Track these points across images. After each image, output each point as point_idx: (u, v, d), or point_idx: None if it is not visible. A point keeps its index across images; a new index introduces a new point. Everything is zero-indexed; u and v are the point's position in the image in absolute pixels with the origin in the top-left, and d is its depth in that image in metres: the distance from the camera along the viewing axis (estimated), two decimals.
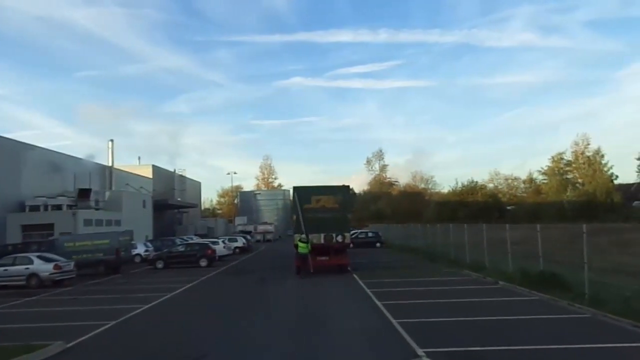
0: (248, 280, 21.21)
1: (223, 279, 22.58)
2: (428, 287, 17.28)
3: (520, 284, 16.23)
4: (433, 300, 14.34)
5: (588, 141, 73.87)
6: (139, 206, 55.15)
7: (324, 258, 22.39)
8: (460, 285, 17.69)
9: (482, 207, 78.58)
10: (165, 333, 11.25)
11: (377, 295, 15.46)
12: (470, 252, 23.37)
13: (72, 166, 51.25)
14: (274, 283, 20.04)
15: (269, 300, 15.49)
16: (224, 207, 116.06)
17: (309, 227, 21.87)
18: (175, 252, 28.39)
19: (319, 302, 14.90)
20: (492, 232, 22.01)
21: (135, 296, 17.26)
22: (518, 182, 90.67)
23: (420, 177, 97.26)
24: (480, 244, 22.83)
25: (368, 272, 22.23)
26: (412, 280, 19.28)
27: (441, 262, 25.61)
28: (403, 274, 21.70)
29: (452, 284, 18.15)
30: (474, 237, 23.60)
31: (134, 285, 21.11)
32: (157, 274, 25.35)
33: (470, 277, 19.99)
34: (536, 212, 69.77)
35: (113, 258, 25.39)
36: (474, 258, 22.90)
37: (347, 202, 22.79)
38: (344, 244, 22.31)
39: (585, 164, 74.33)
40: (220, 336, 10.70)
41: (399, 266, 24.80)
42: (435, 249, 29.43)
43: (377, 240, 44.41)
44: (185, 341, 10.18)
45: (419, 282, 18.72)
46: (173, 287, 19.25)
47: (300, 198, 22.16)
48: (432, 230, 31.37)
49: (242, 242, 41.74)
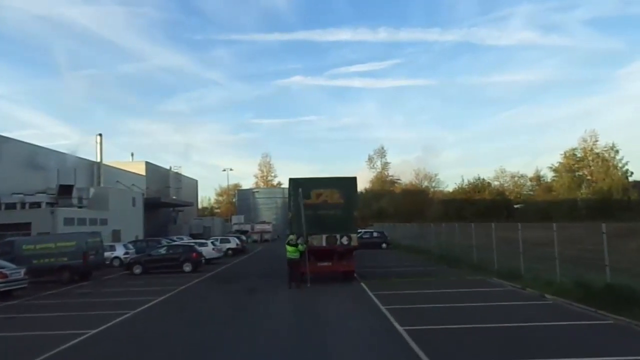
0: (235, 291, 17.60)
1: (205, 289, 18.94)
2: (459, 303, 13.71)
3: (579, 300, 12.68)
4: (474, 326, 10.72)
5: (596, 137, 71.24)
6: (128, 204, 51.51)
7: (325, 264, 18.76)
8: (499, 299, 14.10)
9: (489, 206, 75.71)
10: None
11: (395, 314, 11.92)
12: (499, 256, 19.83)
13: (55, 161, 47.81)
14: (265, 296, 16.39)
15: (255, 325, 11.76)
16: (222, 205, 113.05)
17: (308, 227, 18.30)
18: (156, 256, 24.78)
19: (320, 328, 11.24)
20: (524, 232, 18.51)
21: (87, 315, 13.74)
22: (524, 180, 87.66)
23: (424, 174, 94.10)
24: (510, 246, 19.41)
25: (379, 281, 18.64)
26: (435, 293, 15.71)
27: (462, 267, 22.09)
28: (421, 283, 18.14)
29: (487, 297, 14.56)
30: (503, 237, 20.15)
31: (96, 297, 17.52)
32: (131, 282, 21.76)
33: (503, 287, 16.41)
34: (547, 211, 66.78)
35: (79, 263, 21.77)
36: (504, 263, 19.36)
37: (353, 197, 19.11)
38: (350, 247, 18.66)
39: (599, 161, 71.52)
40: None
41: (414, 272, 21.20)
42: (452, 251, 25.87)
43: (382, 241, 40.82)
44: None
45: (444, 296, 15.15)
46: (142, 300, 15.68)
47: (297, 192, 18.59)
48: (447, 230, 27.77)
49: (235, 242, 38.06)
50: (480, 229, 22.52)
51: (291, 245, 18.04)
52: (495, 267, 19.66)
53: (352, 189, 18.95)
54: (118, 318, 12.71)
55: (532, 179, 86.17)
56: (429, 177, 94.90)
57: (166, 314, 13.79)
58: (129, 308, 14.13)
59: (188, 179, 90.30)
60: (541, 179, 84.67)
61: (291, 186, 18.82)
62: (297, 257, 17.90)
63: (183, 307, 14.97)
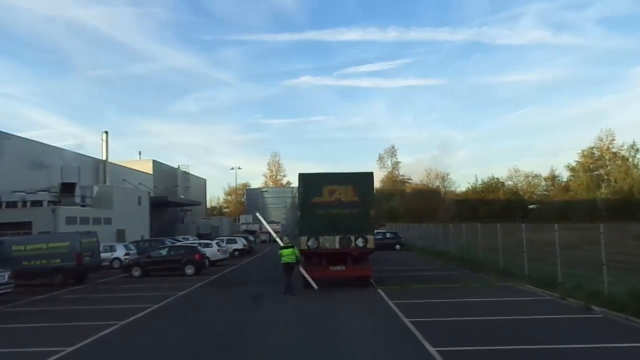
0: (238, 298, 15.89)
1: (206, 295, 17.24)
2: (495, 316, 11.90)
3: (636, 313, 10.82)
4: (520, 347, 8.93)
5: (613, 136, 69.44)
6: (134, 203, 50.18)
7: (339, 268, 16.97)
8: (539, 312, 12.28)
9: (504, 206, 73.71)
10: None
11: (422, 330, 10.16)
12: (529, 259, 17.97)
13: (59, 159, 46.63)
14: (271, 305, 14.64)
15: (258, 347, 9.96)
16: (230, 205, 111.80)
17: (320, 228, 16.57)
18: (156, 257, 23.15)
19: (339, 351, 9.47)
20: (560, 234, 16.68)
21: (69, 326, 12.12)
22: (539, 180, 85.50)
23: (435, 174, 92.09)
24: (541, 248, 17.60)
25: (397, 287, 16.84)
26: (464, 303, 13.89)
27: (486, 272, 20.26)
28: (445, 290, 16.33)
29: (525, 309, 12.73)
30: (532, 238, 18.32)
31: (86, 303, 15.87)
32: (128, 285, 20.17)
33: (540, 296, 14.55)
34: (565, 211, 64.62)
35: (73, 265, 20.23)
36: (535, 268, 17.51)
37: (370, 195, 17.20)
38: (366, 250, 16.88)
39: (617, 160, 69.35)
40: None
41: (435, 277, 19.37)
42: (473, 253, 24.02)
43: (396, 242, 38.98)
44: None
45: (475, 306, 13.35)
46: (134, 308, 14.04)
47: (307, 188, 16.81)
48: (468, 231, 25.86)
49: (242, 243, 36.38)
50: (507, 230, 20.66)
51: (287, 248, 16.47)
52: (525, 272, 17.80)
53: (368, 186, 17.12)
54: (101, 332, 11.04)
55: (547, 178, 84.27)
56: (441, 177, 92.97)
57: (157, 327, 12.08)
58: (117, 318, 12.48)
59: (196, 178, 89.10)
60: (556, 179, 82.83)
61: (301, 182, 17.07)
62: (293, 261, 16.30)
63: (178, 318, 13.29)
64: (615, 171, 68.92)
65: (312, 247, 16.69)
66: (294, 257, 16.36)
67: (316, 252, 16.85)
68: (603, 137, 69.50)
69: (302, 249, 16.81)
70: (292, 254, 16.36)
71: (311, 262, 17.17)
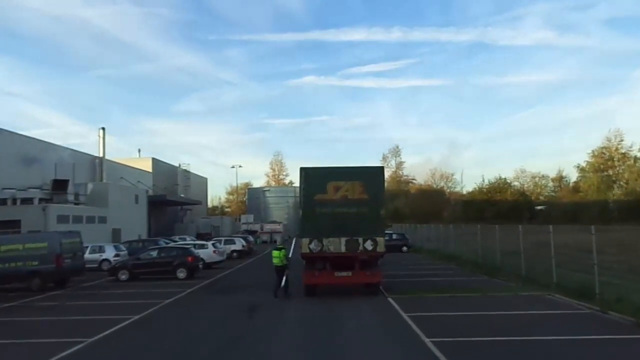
0: (231, 309, 13.90)
1: (196, 303, 15.31)
2: (531, 335, 10.03)
3: None
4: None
5: (622, 137, 67.71)
6: (130, 201, 48.41)
7: (345, 274, 15.08)
8: (581, 330, 10.43)
9: (512, 207, 71.83)
10: None
11: (447, 352, 8.32)
12: (557, 265, 16.08)
13: (53, 155, 44.98)
14: (268, 317, 12.74)
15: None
16: (232, 204, 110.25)
17: (323, 229, 14.74)
18: (145, 260, 21.29)
19: None
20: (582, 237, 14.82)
21: (25, 344, 10.29)
22: (546, 181, 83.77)
23: (440, 174, 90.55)
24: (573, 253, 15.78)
25: (411, 296, 14.98)
26: (491, 317, 12.04)
27: (506, 278, 18.41)
28: (465, 300, 14.45)
29: (563, 325, 10.90)
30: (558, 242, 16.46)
31: (57, 313, 13.94)
32: (112, 291, 18.33)
33: (576, 309, 12.67)
34: (575, 213, 62.67)
35: (52, 268, 18.42)
36: (565, 275, 15.65)
37: (380, 192, 15.19)
38: (376, 254, 15.01)
39: (627, 160, 67.53)
40: None
41: (451, 284, 17.46)
42: (490, 257, 22.13)
43: (403, 244, 37.09)
44: None
45: (504, 321, 11.51)
46: (110, 320, 12.22)
47: (309, 184, 14.94)
48: (484, 232, 23.93)
49: (241, 244, 34.48)
50: (529, 232, 18.80)
51: (277, 250, 16.22)
52: (554, 279, 15.89)
53: (378, 182, 15.20)
54: (61, 353, 9.21)
55: (555, 179, 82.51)
56: (446, 177, 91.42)
57: (130, 347, 10.18)
58: (85, 334, 10.63)
59: (197, 176, 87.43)
60: (564, 180, 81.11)
61: (302, 177, 15.18)
62: (279, 264, 15.78)
63: (158, 334, 11.39)
64: (627, 172, 67.09)
65: (315, 250, 14.84)
66: (279, 260, 15.80)
67: (319, 256, 15.01)
68: (611, 137, 68.10)
69: (304, 252, 14.95)
70: (278, 257, 15.82)
71: (314, 267, 15.33)
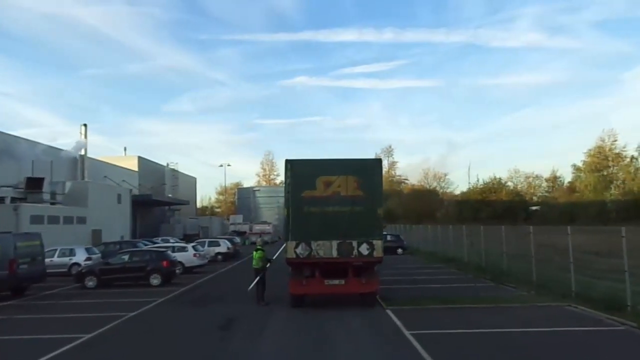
0: (202, 325, 11.84)
1: (162, 318, 13.07)
2: None
3: None
4: None
5: (615, 137, 66.98)
6: (112, 201, 46.09)
7: (336, 282, 13.11)
8: (620, 351, 8.56)
9: (507, 207, 70.53)
10: None
11: None
12: (576, 272, 14.24)
13: (30, 152, 42.65)
14: (245, 337, 10.72)
15: None
16: (222, 205, 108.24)
17: (312, 230, 12.78)
18: (115, 264, 19.13)
19: None
20: None
21: None
22: (540, 181, 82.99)
23: (433, 174, 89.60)
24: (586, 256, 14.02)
25: (412, 307, 13.06)
26: (508, 335, 10.14)
27: (515, 284, 16.62)
28: (474, 312, 12.56)
29: (597, 347, 9.02)
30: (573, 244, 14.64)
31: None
32: (73, 301, 16.03)
33: (609, 325, 10.80)
34: (571, 213, 61.43)
35: (4, 274, 16.23)
36: (585, 283, 13.83)
37: (377, 188, 13.19)
38: (373, 260, 13.02)
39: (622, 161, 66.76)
40: None
41: (455, 292, 15.56)
42: (495, 261, 20.30)
43: (398, 245, 35.18)
44: None
45: (527, 340, 9.62)
46: (53, 341, 10.10)
47: (296, 179, 12.95)
48: (487, 234, 22.07)
49: (226, 246, 32.37)
50: (541, 233, 16.98)
51: (257, 251, 15.04)
52: (572, 288, 14.05)
53: (375, 176, 13.18)
54: None
55: (549, 179, 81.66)
56: (438, 177, 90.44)
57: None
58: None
59: (186, 176, 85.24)
60: (558, 180, 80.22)
61: (288, 171, 13.17)
62: (257, 266, 14.61)
63: (118, 354, 9.41)
64: (624, 172, 66.29)
65: (303, 255, 12.85)
66: (256, 262, 14.69)
67: (308, 262, 13.03)
68: (605, 137, 67.47)
69: (290, 257, 12.95)
70: (255, 259, 14.76)
71: (301, 274, 13.35)
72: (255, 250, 15.02)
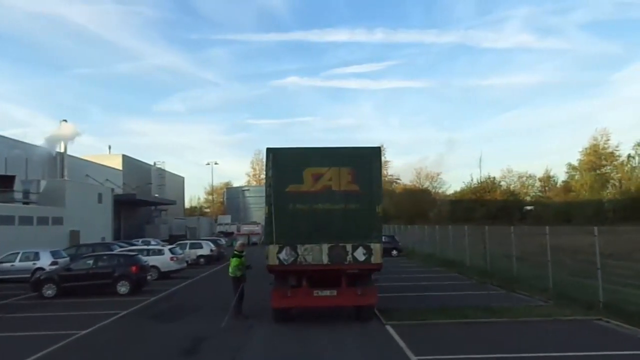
0: (166, 347, 9.66)
1: (118, 338, 10.80)
2: None
3: None
4: None
5: (608, 136, 66.42)
6: (92, 201, 43.70)
7: (327, 293, 11.07)
8: None
9: (501, 207, 69.20)
10: None
11: None
12: (604, 281, 12.34)
13: (3, 149, 40.33)
14: None
15: None
16: (212, 205, 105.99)
17: (299, 232, 10.75)
18: (78, 271, 16.90)
19: None
20: None
21: None
22: (533, 180, 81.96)
23: (425, 174, 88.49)
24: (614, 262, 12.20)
25: (416, 324, 11.08)
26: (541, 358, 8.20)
27: (529, 292, 14.72)
28: (489, 328, 10.61)
29: None
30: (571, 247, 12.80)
31: None
32: (23, 314, 13.74)
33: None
34: (568, 213, 60.13)
35: None
36: (613, 293, 11.95)
37: (375, 182, 11.09)
38: (370, 267, 11.03)
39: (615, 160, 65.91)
40: None
41: (462, 302, 13.59)
42: (502, 266, 18.42)
43: (393, 247, 33.22)
44: None
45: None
46: None
47: (279, 171, 10.92)
48: (493, 235, 20.16)
49: (209, 248, 30.19)
50: (559, 235, 15.10)
51: (234, 256, 12.94)
52: (600, 298, 12.14)
53: (373, 168, 11.10)
54: None
55: (542, 179, 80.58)
56: (431, 177, 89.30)
57: None
58: None
59: (174, 175, 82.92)
60: (552, 179, 79.18)
61: (269, 161, 11.10)
62: (233, 274, 12.65)
63: None
64: (619, 171, 65.39)
65: (287, 261, 10.80)
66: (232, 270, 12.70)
67: (293, 270, 11.00)
68: (598, 136, 66.90)
69: (272, 264, 10.90)
70: (232, 266, 12.74)
71: (285, 284, 11.30)
72: (233, 256, 12.94)
